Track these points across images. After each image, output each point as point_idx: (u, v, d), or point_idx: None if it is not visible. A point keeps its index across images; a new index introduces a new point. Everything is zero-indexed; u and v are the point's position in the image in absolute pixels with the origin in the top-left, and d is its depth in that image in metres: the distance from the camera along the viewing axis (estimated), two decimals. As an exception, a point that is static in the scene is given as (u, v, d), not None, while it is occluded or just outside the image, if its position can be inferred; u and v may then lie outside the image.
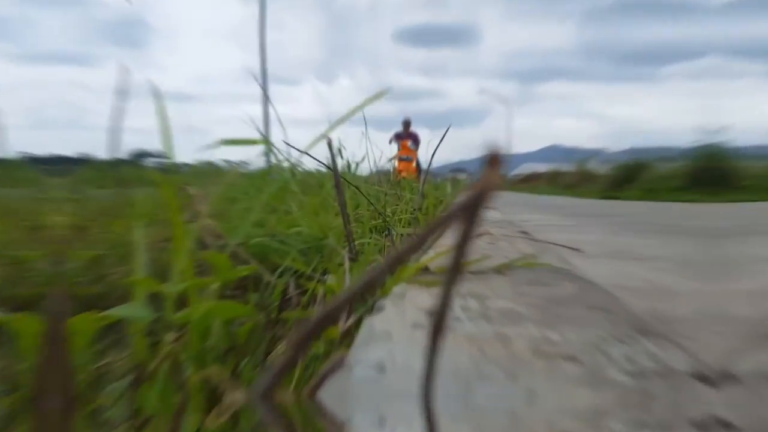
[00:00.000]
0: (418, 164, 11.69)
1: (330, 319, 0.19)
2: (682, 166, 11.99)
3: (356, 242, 1.36)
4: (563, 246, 0.73)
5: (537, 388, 0.25)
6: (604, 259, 2.57)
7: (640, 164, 14.26)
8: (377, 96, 0.98)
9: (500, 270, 0.59)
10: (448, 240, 0.77)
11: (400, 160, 10.88)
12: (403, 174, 10.46)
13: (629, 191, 12.86)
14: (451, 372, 0.26)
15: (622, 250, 2.92)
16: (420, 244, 0.15)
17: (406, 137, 12.05)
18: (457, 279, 0.15)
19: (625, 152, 15.92)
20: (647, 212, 6.93)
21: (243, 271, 0.60)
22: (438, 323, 0.16)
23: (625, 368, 0.28)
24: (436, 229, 0.14)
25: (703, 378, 0.27)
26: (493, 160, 0.13)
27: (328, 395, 0.25)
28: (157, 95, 0.61)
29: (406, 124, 12.10)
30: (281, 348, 0.63)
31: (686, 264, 2.43)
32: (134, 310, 0.51)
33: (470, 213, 0.14)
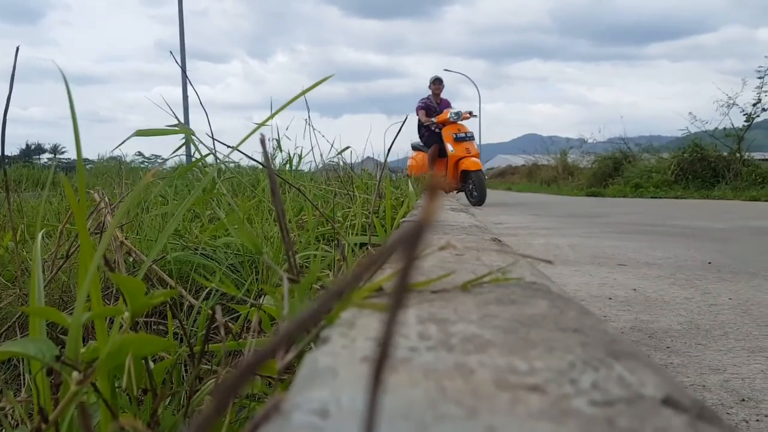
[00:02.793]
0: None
1: (264, 360, 0.20)
2: (670, 158, 12.55)
3: (300, 254, 1.36)
4: (534, 258, 0.76)
5: (497, 425, 0.27)
6: (587, 266, 2.68)
7: (624, 156, 14.85)
8: (324, 79, 0.99)
9: (466, 288, 0.61)
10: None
11: (456, 140, 8.27)
12: (464, 165, 8.09)
13: (614, 186, 13.38)
14: (402, 414, 0.28)
15: (608, 255, 3.05)
16: (355, 282, 0.17)
17: (443, 106, 9.06)
18: (397, 319, 0.16)
19: (608, 142, 16.47)
20: (633, 210, 7.23)
21: (159, 296, 0.60)
22: (380, 359, 0.18)
23: (592, 398, 0.30)
24: (371, 266, 0.16)
25: (675, 404, 0.30)
26: (432, 191, 0.15)
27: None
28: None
29: (438, 81, 9.08)
30: (207, 388, 0.63)
31: (676, 270, 2.56)
32: (33, 346, 0.50)
33: (409, 247, 0.15)
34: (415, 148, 9.20)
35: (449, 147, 8.22)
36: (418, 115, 8.91)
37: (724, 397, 1.15)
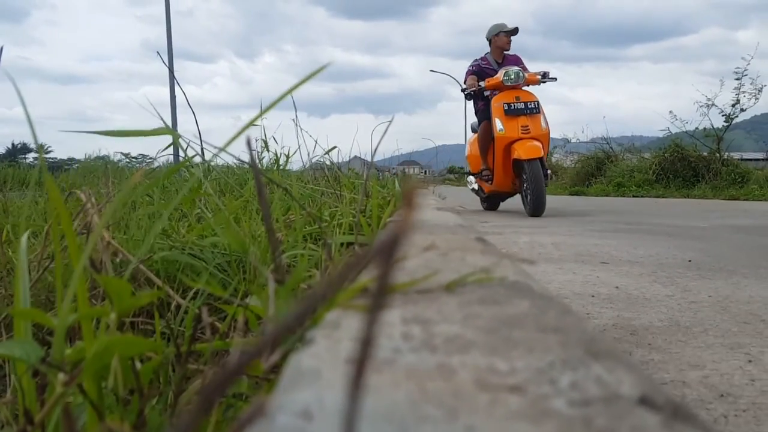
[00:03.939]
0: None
1: (249, 361, 0.20)
2: (651, 158, 12.71)
3: (287, 254, 1.36)
4: (517, 258, 0.76)
5: (476, 425, 0.27)
6: (571, 264, 2.70)
7: (607, 156, 15.00)
8: (315, 73, 0.98)
9: (450, 288, 0.61)
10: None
11: (509, 113, 5.42)
12: (516, 152, 5.28)
13: (597, 186, 13.52)
14: (384, 415, 0.28)
15: (591, 253, 3.07)
16: (337, 285, 0.17)
17: (507, 64, 6.03)
18: (376, 325, 0.16)
19: (591, 142, 16.61)
20: (616, 209, 7.29)
21: (146, 297, 0.59)
22: (360, 361, 0.18)
23: (570, 397, 0.30)
24: (349, 273, 0.16)
25: (650, 403, 0.30)
26: (410, 199, 0.15)
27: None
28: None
29: (505, 32, 6.07)
30: (194, 388, 0.63)
31: (658, 267, 2.59)
32: (19, 347, 0.50)
33: (387, 255, 0.15)
34: (474, 129, 6.58)
35: (497, 124, 5.45)
36: (466, 81, 6.06)
37: (704, 392, 1.17)
